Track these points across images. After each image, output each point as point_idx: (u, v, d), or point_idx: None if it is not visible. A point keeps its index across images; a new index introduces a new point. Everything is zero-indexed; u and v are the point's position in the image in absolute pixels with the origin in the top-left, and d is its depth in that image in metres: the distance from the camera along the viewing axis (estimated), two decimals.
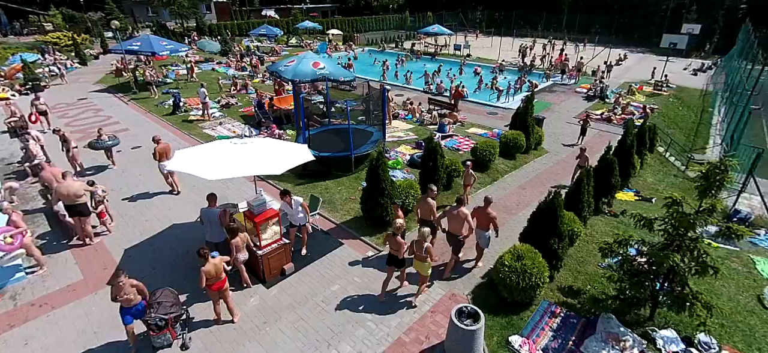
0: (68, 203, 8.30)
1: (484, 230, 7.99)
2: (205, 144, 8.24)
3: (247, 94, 21.41)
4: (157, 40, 21.81)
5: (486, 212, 7.77)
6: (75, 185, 8.30)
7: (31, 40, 36.55)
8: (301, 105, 11.88)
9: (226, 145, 7.77)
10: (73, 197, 8.23)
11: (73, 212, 8.42)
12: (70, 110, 18.92)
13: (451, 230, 7.91)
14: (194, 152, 7.81)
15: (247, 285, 7.63)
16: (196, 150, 7.89)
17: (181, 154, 7.74)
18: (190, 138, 15.23)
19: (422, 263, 7.04)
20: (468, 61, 33.48)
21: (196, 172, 6.84)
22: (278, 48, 39.01)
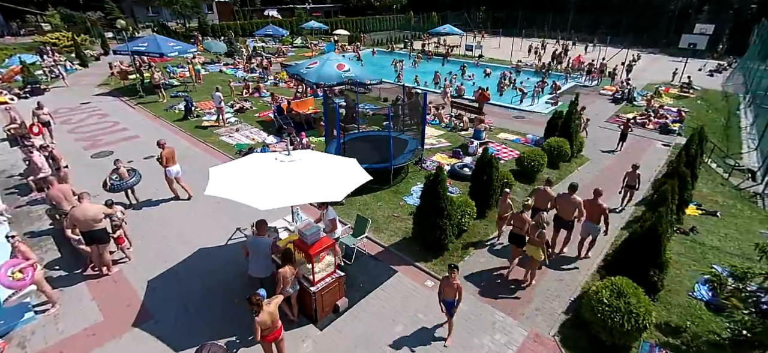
0: (85, 229, 7.15)
1: (594, 222, 8.14)
2: (243, 160, 7.09)
3: (261, 97, 20.24)
4: (164, 40, 20.60)
5: (597, 203, 8.02)
6: (93, 208, 7.15)
7: (29, 40, 35.18)
8: (338, 113, 10.71)
9: (270, 162, 6.63)
10: (90, 223, 7.09)
11: (90, 240, 7.28)
12: (73, 115, 17.69)
13: (563, 215, 8.23)
14: (233, 171, 6.67)
15: (294, 318, 6.55)
16: (234, 169, 6.75)
17: (218, 174, 6.61)
18: (206, 146, 14.08)
19: (536, 248, 7.25)
20: (480, 63, 32.48)
21: (244, 199, 5.72)
22: (284, 49, 37.82)
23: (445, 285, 6.09)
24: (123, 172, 9.94)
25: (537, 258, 7.33)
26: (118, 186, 9.82)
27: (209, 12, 51.62)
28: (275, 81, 23.92)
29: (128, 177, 9.97)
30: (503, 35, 47.96)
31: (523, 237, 7.57)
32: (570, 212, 8.06)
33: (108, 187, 9.68)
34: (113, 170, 9.90)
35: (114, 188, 9.75)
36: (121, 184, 9.85)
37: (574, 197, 7.99)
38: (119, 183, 9.83)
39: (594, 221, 8.11)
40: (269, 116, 17.17)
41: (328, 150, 12.29)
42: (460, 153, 13.25)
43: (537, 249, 7.25)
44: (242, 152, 13.38)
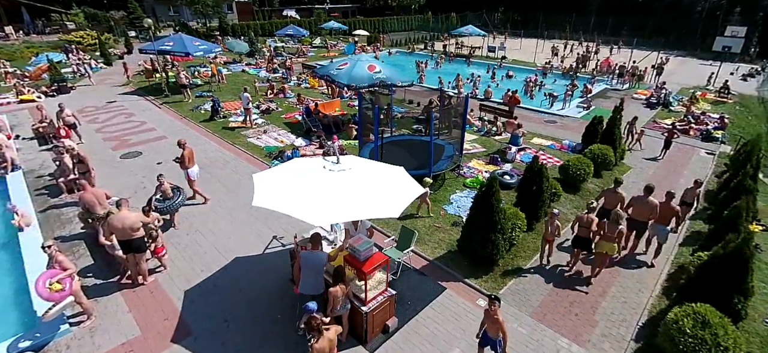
0: (123, 237, 6.81)
1: (664, 224, 8.08)
2: (287, 166, 6.65)
3: (286, 98, 19.92)
4: (190, 40, 20.45)
5: (670, 206, 8.01)
6: (131, 216, 6.79)
7: (54, 39, 35.61)
8: (377, 116, 10.23)
9: (317, 169, 6.17)
10: (128, 232, 6.73)
11: (127, 248, 6.93)
12: (100, 113, 17.58)
13: (637, 217, 8.18)
14: (278, 178, 6.23)
15: (342, 339, 6.09)
16: (279, 176, 6.31)
17: (263, 182, 6.17)
18: (234, 148, 13.76)
19: (611, 244, 7.40)
20: (504, 65, 31.73)
21: (296, 213, 5.27)
22: (305, 49, 37.59)
23: (487, 320, 5.36)
24: (166, 188, 9.10)
25: (610, 253, 7.52)
26: (165, 208, 8.84)
27: (229, 12, 51.76)
28: (299, 81, 23.59)
29: (173, 196, 9.12)
30: (524, 37, 47.07)
31: (588, 240, 7.62)
32: (646, 213, 8.06)
33: (154, 208, 8.46)
34: (157, 186, 9.08)
35: (160, 209, 8.68)
36: (170, 205, 8.92)
37: (651, 199, 7.99)
38: (165, 205, 8.87)
39: (664, 223, 8.08)
40: (296, 118, 16.83)
41: (361, 154, 11.83)
42: (498, 160, 12.66)
43: (612, 245, 7.40)
44: (272, 154, 13.03)
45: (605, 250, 7.44)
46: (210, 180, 11.44)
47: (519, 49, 39.93)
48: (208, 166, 12.34)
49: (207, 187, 10.97)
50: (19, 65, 26.94)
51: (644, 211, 8.06)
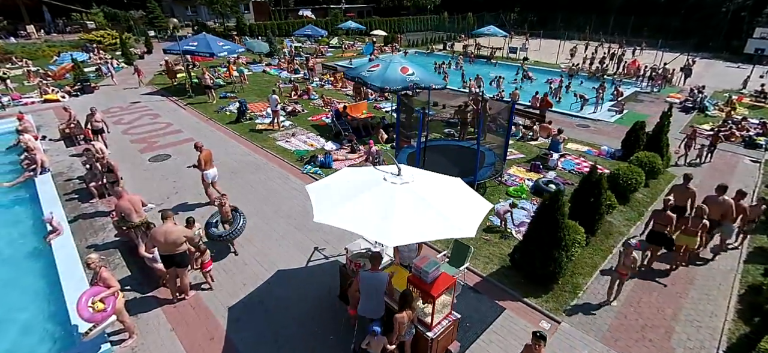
0: (165, 252, 6.43)
1: (731, 221, 8.21)
2: (343, 176, 6.20)
3: (310, 99, 19.54)
4: (214, 40, 20.18)
5: (740, 205, 8.21)
6: (175, 230, 6.39)
7: (74, 38, 35.78)
8: (422, 120, 9.76)
9: (378, 182, 5.70)
10: (171, 247, 6.34)
11: (169, 263, 6.55)
12: (125, 114, 17.39)
13: (713, 216, 8.04)
14: (336, 190, 5.77)
15: None
16: (336, 188, 5.84)
17: (320, 195, 5.73)
18: (263, 152, 13.38)
19: (693, 237, 7.67)
20: (526, 66, 31.00)
21: (366, 232, 4.87)
22: (322, 49, 37.26)
23: (711, 205, 5.66)
24: (228, 210, 8.17)
25: (692, 247, 7.74)
26: (227, 236, 7.92)
27: (246, 11, 51.69)
28: (321, 82, 23.21)
29: (233, 220, 8.17)
30: (544, 37, 46.20)
31: (664, 235, 7.67)
32: (719, 212, 8.10)
33: (214, 237, 7.86)
34: (218, 207, 8.30)
35: (222, 238, 7.88)
36: (232, 233, 7.94)
37: (725, 197, 8.08)
38: (227, 233, 7.92)
39: (732, 221, 8.27)
40: (323, 120, 16.43)
41: (399, 159, 11.35)
42: (540, 166, 12.09)
43: (693, 238, 7.65)
44: (303, 159, 12.63)
45: (686, 243, 7.70)
46: (242, 186, 11.07)
47: (538, 50, 39.15)
48: (240, 171, 11.99)
49: (240, 193, 10.61)
50: (41, 64, 27.03)
51: (717, 210, 8.10)
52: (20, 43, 34.11)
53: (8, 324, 6.80)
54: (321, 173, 11.61)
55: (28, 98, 19.76)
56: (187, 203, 10.23)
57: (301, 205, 10.04)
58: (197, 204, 10.15)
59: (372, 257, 5.68)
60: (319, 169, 11.84)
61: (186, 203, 10.22)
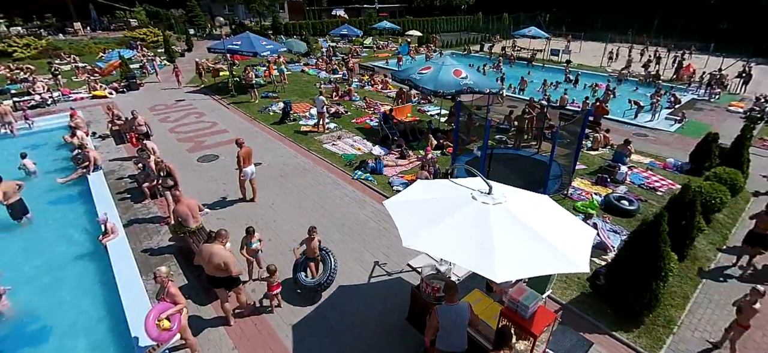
0: (207, 272, 5.98)
1: None
2: (425, 191, 5.66)
3: (352, 101, 19.15)
4: (257, 39, 20.11)
5: None
6: (220, 254, 5.77)
7: (118, 35, 36.79)
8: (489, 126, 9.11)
9: (467, 201, 5.13)
10: (213, 269, 5.84)
11: (214, 284, 6.08)
12: (171, 112, 17.46)
13: None
14: (421, 209, 5.22)
15: None
16: (422, 206, 5.30)
17: (403, 213, 5.20)
18: (310, 154, 13.02)
19: None
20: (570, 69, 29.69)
21: (468, 263, 4.30)
22: (357, 49, 36.96)
23: None
24: (315, 246, 6.95)
25: None
26: (318, 285, 6.85)
27: (281, 11, 52.09)
28: (361, 83, 22.80)
29: (325, 260, 7.04)
30: (585, 40, 44.44)
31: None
32: None
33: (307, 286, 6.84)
34: (304, 241, 7.02)
35: (309, 287, 6.84)
36: (323, 283, 6.85)
37: None
38: (317, 281, 6.86)
39: None
40: (367, 123, 15.97)
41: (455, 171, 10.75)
42: (607, 180, 11.21)
43: None
44: (352, 163, 12.19)
45: None
46: (292, 191, 10.71)
47: (578, 53, 37.58)
48: (288, 175, 11.65)
49: (291, 199, 10.27)
50: (88, 60, 27.79)
51: None
52: (68, 40, 35.33)
53: (64, 329, 6.62)
54: (372, 180, 11.13)
55: (76, 94, 20.19)
56: (238, 207, 9.94)
57: (355, 214, 9.58)
58: (248, 208, 9.84)
59: (447, 288, 5.09)
60: (371, 175, 11.35)
61: (236, 206, 9.93)
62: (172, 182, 8.94)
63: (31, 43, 31.30)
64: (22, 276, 7.63)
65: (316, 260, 7.08)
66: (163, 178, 8.81)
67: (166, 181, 8.85)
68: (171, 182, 8.92)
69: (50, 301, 7.18)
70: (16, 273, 7.67)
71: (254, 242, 6.87)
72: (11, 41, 30.90)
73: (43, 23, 40.74)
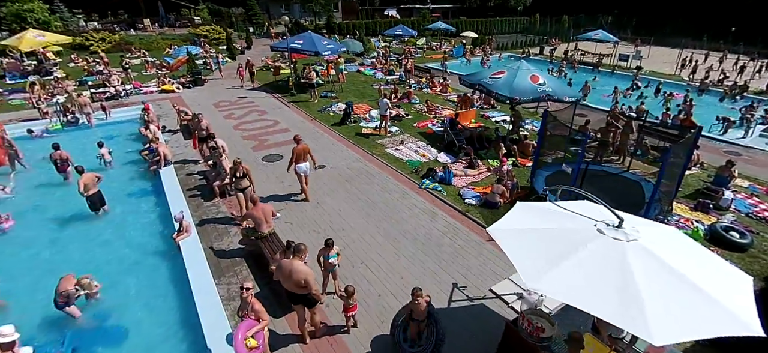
0: (287, 288, 5.60)
1: None
2: (536, 217, 5.02)
3: (411, 103, 18.62)
4: (319, 38, 20.12)
5: None
6: (301, 271, 5.40)
7: (183, 32, 38.49)
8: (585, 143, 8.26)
9: (590, 233, 4.43)
10: (293, 286, 5.45)
11: (294, 300, 5.72)
12: (234, 109, 17.74)
13: None
14: (537, 241, 4.58)
15: None
16: (536, 237, 4.66)
17: (515, 245, 4.59)
18: (374, 159, 12.61)
19: None
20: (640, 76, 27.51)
21: (610, 317, 3.60)
22: (411, 50, 36.42)
23: None
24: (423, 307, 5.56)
25: None
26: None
27: (334, 10, 52.63)
28: (419, 85, 22.22)
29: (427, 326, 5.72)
30: (654, 44, 41.34)
31: None
32: None
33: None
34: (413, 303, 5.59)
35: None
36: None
37: None
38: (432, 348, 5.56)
39: None
40: (430, 128, 15.38)
41: (535, 183, 9.95)
42: (709, 206, 9.94)
43: None
44: (418, 171, 11.65)
45: None
46: (359, 197, 10.32)
47: (646, 58, 34.88)
48: (353, 179, 11.30)
49: (359, 206, 9.88)
50: (157, 55, 29.15)
51: None
52: (138, 35, 37.40)
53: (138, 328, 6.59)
54: (441, 190, 10.53)
55: (146, 88, 21.10)
56: (304, 210, 9.68)
57: (427, 227, 9.02)
58: (314, 212, 9.55)
59: (572, 343, 4.38)
60: (439, 185, 10.76)
61: (302, 210, 9.67)
62: (248, 183, 8.79)
63: (105, 37, 33.39)
64: (103, 270, 7.70)
65: (420, 322, 5.76)
66: (239, 179, 8.65)
67: (240, 182, 8.69)
68: (246, 183, 8.77)
69: (125, 298, 7.19)
70: (98, 267, 7.77)
71: (332, 256, 6.48)
72: (88, 35, 33.10)
73: (116, 19, 43.50)
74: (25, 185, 11.22)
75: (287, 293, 5.68)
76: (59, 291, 6.18)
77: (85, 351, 6.17)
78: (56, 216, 9.72)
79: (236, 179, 8.63)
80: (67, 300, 6.21)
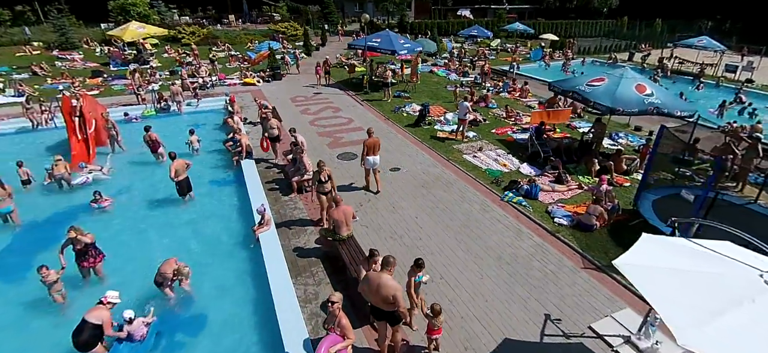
0: (373, 303, 5.18)
1: None
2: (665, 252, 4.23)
3: (488, 108, 17.71)
4: (396, 37, 19.89)
5: None
6: (389, 285, 4.94)
7: (264, 28, 40.36)
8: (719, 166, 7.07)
9: (753, 282, 3.56)
10: (380, 302, 5.02)
11: (376, 316, 5.30)
12: (310, 104, 18.02)
13: None
14: (678, 284, 3.80)
15: None
16: (675, 278, 3.88)
17: (649, 283, 3.82)
18: (450, 165, 12.00)
19: None
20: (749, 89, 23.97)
21: None
22: (486, 52, 35.07)
23: None
24: None
25: None
26: None
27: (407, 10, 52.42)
28: (496, 89, 21.14)
29: None
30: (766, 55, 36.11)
31: None
32: None
33: None
34: None
35: None
36: None
37: None
38: None
39: None
40: (510, 135, 14.43)
41: (641, 207, 8.77)
42: None
43: None
44: (498, 181, 10.87)
45: None
46: (437, 205, 9.79)
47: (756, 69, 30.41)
48: (430, 185, 10.79)
49: (436, 214, 9.37)
50: (240, 49, 30.73)
51: None
52: (223, 30, 39.82)
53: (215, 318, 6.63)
54: (526, 206, 9.67)
55: (230, 80, 22.19)
56: (380, 215, 9.35)
57: (513, 246, 8.27)
58: (391, 218, 9.18)
59: None
60: (524, 199, 9.91)
61: (379, 214, 9.34)
62: (330, 187, 8.61)
63: (195, 30, 35.88)
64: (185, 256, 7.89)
65: None
66: (322, 183, 8.47)
67: (323, 186, 8.51)
68: (329, 187, 8.59)
69: (204, 286, 7.28)
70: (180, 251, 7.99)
71: (421, 276, 6.00)
72: (181, 29, 35.77)
73: (205, 13, 46.74)
74: (121, 166, 12.07)
75: (371, 308, 5.32)
76: (160, 271, 6.45)
77: (166, 331, 6.31)
78: (147, 198, 10.33)
79: (320, 183, 8.44)
80: (163, 282, 6.44)
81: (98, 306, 5.53)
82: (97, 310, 5.46)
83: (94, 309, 5.49)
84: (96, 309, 5.48)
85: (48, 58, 27.09)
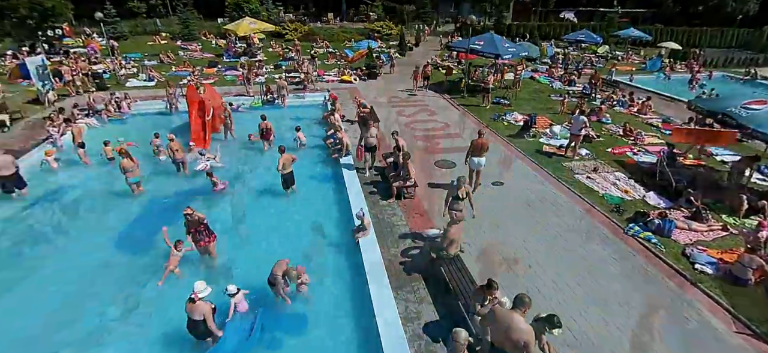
0: (498, 345, 4.55)
1: None
2: None
3: (601, 122, 15.95)
4: (500, 40, 18.83)
5: None
6: (522, 331, 4.36)
7: (359, 26, 41.27)
8: None
9: None
10: (510, 346, 4.36)
11: None
12: (406, 106, 17.78)
13: None
14: None
15: None
16: None
17: None
18: (560, 185, 10.85)
19: None
20: None
21: None
22: (593, 58, 32.10)
23: None
24: None
25: None
26: None
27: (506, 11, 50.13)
28: (610, 102, 19.01)
29: None
30: None
31: None
32: None
33: None
34: None
35: None
36: None
37: None
38: None
39: None
40: (630, 157, 12.77)
41: None
42: None
43: None
44: (619, 209, 9.56)
45: None
46: (546, 229, 8.84)
47: None
48: (537, 205, 9.86)
49: (546, 240, 8.49)
50: (337, 47, 31.66)
51: None
52: (322, 27, 41.48)
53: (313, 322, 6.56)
54: (656, 243, 8.31)
55: (328, 76, 22.82)
56: (485, 234, 8.66)
57: (641, 291, 7.10)
58: (497, 240, 8.45)
59: None
60: (653, 235, 8.54)
61: (484, 233, 8.66)
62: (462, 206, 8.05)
63: (297, 27, 37.79)
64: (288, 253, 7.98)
65: None
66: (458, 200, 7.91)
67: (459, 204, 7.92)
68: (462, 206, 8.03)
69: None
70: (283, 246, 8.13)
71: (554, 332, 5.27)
72: (285, 25, 37.92)
73: (307, 11, 49.16)
74: (231, 154, 12.80)
75: (491, 347, 4.76)
76: (272, 271, 6.52)
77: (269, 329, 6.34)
78: (254, 187, 10.81)
79: (456, 199, 7.89)
80: (275, 282, 6.50)
81: (193, 304, 5.58)
82: (195, 306, 5.56)
83: (192, 305, 5.58)
84: (193, 305, 5.57)
85: (173, 48, 30.34)
